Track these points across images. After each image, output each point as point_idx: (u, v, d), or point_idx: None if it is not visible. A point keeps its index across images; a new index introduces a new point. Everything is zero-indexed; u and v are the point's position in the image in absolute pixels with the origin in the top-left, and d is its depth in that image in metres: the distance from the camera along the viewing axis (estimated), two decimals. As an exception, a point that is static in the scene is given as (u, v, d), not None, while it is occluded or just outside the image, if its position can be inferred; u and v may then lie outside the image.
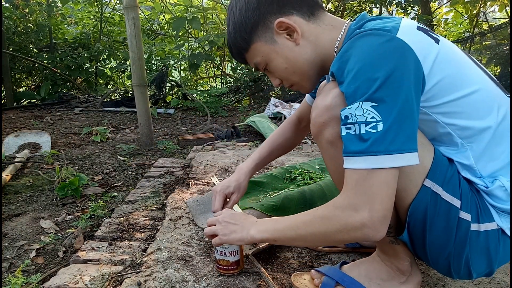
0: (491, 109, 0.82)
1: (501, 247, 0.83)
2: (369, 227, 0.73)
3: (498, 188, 0.81)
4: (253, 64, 0.95)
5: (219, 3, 5.01)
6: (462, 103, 0.79)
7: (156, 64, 5.08)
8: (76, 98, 4.68)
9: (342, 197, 0.77)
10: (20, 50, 4.84)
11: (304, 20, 0.88)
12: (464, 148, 0.82)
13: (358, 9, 5.25)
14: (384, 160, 0.71)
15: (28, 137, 2.76)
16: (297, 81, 0.95)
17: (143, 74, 2.69)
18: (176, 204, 1.61)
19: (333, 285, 0.99)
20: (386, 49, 0.73)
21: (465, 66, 0.83)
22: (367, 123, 0.71)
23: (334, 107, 0.81)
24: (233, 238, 0.97)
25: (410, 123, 0.72)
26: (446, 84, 0.78)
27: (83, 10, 5.54)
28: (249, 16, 0.88)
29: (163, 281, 1.08)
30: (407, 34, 0.76)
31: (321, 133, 0.85)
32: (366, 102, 0.72)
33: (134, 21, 2.57)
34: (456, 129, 0.81)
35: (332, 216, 0.78)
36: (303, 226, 0.83)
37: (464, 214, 0.81)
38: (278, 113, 3.70)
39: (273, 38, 0.89)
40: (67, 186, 1.84)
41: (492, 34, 4.67)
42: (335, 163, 0.87)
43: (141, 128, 2.77)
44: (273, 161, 2.18)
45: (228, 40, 0.96)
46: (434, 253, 0.87)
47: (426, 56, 0.76)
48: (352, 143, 0.73)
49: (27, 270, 1.27)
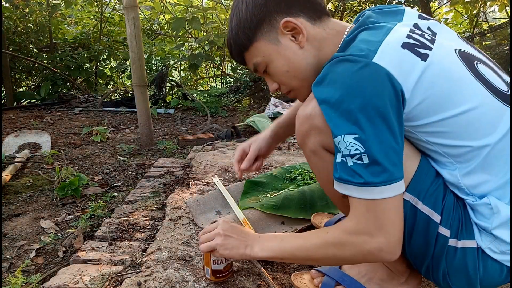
0: (490, 128, 0.77)
1: (481, 267, 0.80)
2: (386, 251, 0.75)
3: (483, 205, 0.78)
4: (252, 64, 0.92)
5: (219, 3, 5.01)
6: (450, 123, 0.75)
7: (156, 64, 5.08)
8: (76, 98, 4.68)
9: (353, 222, 0.77)
10: (20, 50, 4.83)
11: (310, 24, 0.87)
12: (453, 166, 0.79)
13: (358, 9, 5.25)
14: (379, 190, 0.72)
15: (28, 137, 2.76)
16: (296, 86, 0.91)
17: (143, 74, 2.68)
18: (176, 204, 1.61)
19: (333, 285, 0.99)
20: (360, 77, 0.71)
21: (459, 83, 0.76)
22: (352, 155, 0.72)
23: (314, 117, 0.80)
24: (234, 253, 0.93)
25: (395, 149, 0.72)
26: (432, 104, 0.75)
27: (83, 10, 5.54)
28: (256, 13, 0.86)
29: (163, 281, 1.08)
30: (386, 55, 0.73)
31: (304, 143, 0.85)
32: (347, 135, 0.72)
33: (134, 21, 2.57)
34: (443, 148, 0.78)
35: (346, 242, 0.78)
36: (314, 249, 0.82)
37: (443, 229, 0.80)
38: (278, 113, 3.69)
39: (277, 38, 0.87)
40: (67, 186, 1.84)
41: (492, 34, 4.67)
42: (319, 171, 0.88)
43: (141, 128, 2.77)
44: (273, 161, 2.18)
45: (229, 37, 0.93)
46: (415, 263, 0.88)
47: (407, 76, 0.73)
48: (345, 172, 0.74)
49: (27, 270, 1.27)
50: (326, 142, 0.81)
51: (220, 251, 0.95)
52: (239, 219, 1.36)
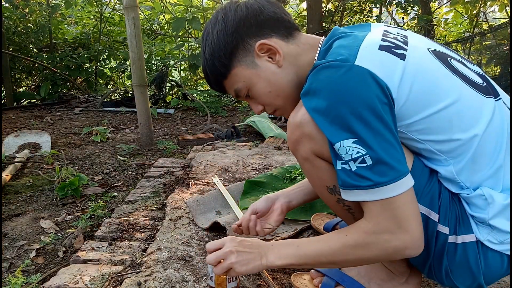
0: (474, 119, 0.78)
1: (482, 260, 0.80)
2: (410, 248, 0.75)
3: (478, 197, 0.79)
4: (233, 91, 0.91)
5: (219, 3, 5.02)
6: (437, 118, 0.77)
7: (156, 64, 5.08)
8: (76, 98, 4.68)
9: (372, 223, 0.76)
10: (20, 50, 4.83)
11: (283, 42, 0.87)
12: (447, 162, 0.80)
13: (358, 9, 5.25)
14: (391, 188, 0.72)
15: (28, 137, 2.76)
16: (281, 105, 0.92)
17: (143, 74, 2.69)
18: (176, 204, 1.61)
19: (333, 285, 0.99)
20: (345, 81, 0.72)
21: (438, 78, 0.78)
22: (354, 159, 0.72)
23: (303, 125, 0.80)
24: (252, 268, 0.86)
25: (394, 144, 0.72)
26: (417, 101, 0.76)
27: (83, 10, 5.54)
28: (228, 41, 0.86)
29: (163, 281, 1.08)
30: (366, 58, 0.74)
31: (296, 150, 0.85)
32: (345, 140, 0.72)
33: (134, 21, 2.57)
34: (434, 145, 0.79)
35: (369, 243, 0.77)
36: (336, 253, 0.81)
37: (442, 227, 0.81)
38: (278, 113, 3.69)
39: (254, 62, 0.87)
40: (67, 186, 1.84)
41: (492, 34, 4.67)
42: (312, 177, 0.88)
43: (141, 128, 2.77)
44: (273, 161, 2.18)
45: (204, 67, 0.92)
46: (417, 264, 0.89)
47: (391, 76, 0.74)
48: (349, 178, 0.74)
49: (27, 270, 1.27)
50: (317, 149, 0.81)
51: (237, 269, 0.86)
52: (239, 219, 1.36)
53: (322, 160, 0.83)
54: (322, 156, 0.82)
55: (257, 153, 2.36)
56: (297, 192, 1.12)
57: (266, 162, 2.19)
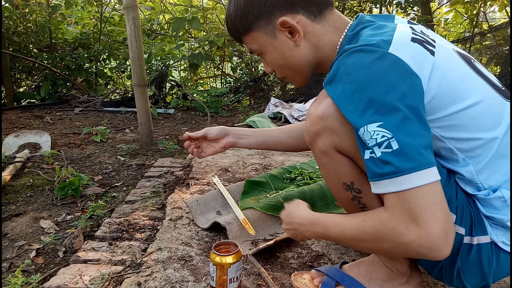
0: (496, 121, 0.78)
1: (494, 261, 0.80)
2: (426, 246, 0.67)
3: (497, 198, 0.78)
4: (249, 48, 0.94)
5: (219, 3, 5.01)
6: (462, 116, 0.76)
7: (156, 64, 5.08)
8: (76, 98, 4.68)
9: (387, 213, 0.72)
10: (20, 50, 4.83)
11: (309, 20, 0.86)
12: (465, 162, 0.79)
13: (358, 9, 5.25)
14: (416, 176, 0.67)
15: (28, 137, 2.76)
16: (290, 75, 0.94)
17: (143, 74, 2.68)
18: (176, 204, 1.61)
19: (333, 285, 0.99)
20: (379, 67, 0.70)
21: (464, 77, 0.79)
22: (379, 144, 0.68)
23: (327, 117, 0.79)
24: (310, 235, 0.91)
25: (423, 134, 0.69)
26: (443, 98, 0.75)
27: (83, 10, 5.54)
28: (254, 5, 0.86)
29: (163, 281, 1.08)
30: (400, 47, 0.73)
31: (314, 142, 0.84)
32: (370, 124, 0.69)
33: (134, 21, 2.57)
34: (455, 143, 0.78)
35: (383, 234, 0.73)
36: (352, 239, 0.79)
37: (458, 227, 0.80)
38: (278, 113, 3.69)
39: (274, 33, 0.88)
40: (67, 186, 1.84)
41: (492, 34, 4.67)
42: (328, 172, 0.86)
43: (141, 128, 2.77)
44: (273, 161, 2.18)
45: (227, 18, 0.93)
46: (427, 264, 0.88)
47: (421, 69, 0.73)
48: (376, 166, 0.70)
49: (27, 270, 1.27)
50: (338, 143, 0.80)
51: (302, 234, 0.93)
52: (239, 219, 1.36)
53: (342, 155, 0.81)
54: (343, 150, 0.81)
55: (257, 153, 2.36)
56: (250, 138, 1.21)
57: (266, 162, 2.19)
